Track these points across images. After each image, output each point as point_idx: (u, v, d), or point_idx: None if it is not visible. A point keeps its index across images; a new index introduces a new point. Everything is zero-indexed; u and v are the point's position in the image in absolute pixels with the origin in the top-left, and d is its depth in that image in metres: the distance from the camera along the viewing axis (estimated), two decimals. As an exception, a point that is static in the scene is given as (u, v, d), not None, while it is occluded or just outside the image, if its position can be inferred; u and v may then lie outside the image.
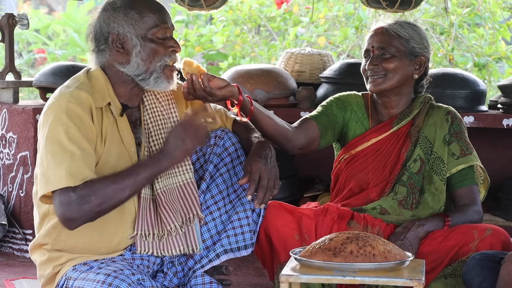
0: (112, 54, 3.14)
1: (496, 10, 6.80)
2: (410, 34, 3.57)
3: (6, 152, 4.76)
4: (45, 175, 3.00)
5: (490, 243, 3.29)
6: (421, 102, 3.64)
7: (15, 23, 4.91)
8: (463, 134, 3.62)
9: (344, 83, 4.73)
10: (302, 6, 7.50)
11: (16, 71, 4.95)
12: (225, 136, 3.37)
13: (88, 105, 3.07)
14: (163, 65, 3.14)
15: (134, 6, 3.12)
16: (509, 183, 4.78)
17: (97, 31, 3.15)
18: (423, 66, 3.61)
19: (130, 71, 3.12)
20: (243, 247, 3.30)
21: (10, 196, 4.75)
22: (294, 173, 5.07)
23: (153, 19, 3.12)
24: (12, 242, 4.74)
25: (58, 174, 2.96)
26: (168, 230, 3.17)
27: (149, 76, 3.13)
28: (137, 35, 3.10)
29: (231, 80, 4.88)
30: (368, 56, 3.59)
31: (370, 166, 3.62)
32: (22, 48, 9.58)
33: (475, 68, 6.69)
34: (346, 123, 3.67)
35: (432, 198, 3.56)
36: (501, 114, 4.66)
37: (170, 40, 3.15)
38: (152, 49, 3.12)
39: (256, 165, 3.20)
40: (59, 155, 2.98)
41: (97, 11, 3.17)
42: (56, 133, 3.00)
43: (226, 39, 7.38)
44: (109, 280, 2.99)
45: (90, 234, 3.11)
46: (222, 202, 3.32)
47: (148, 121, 3.24)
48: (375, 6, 4.88)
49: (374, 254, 2.84)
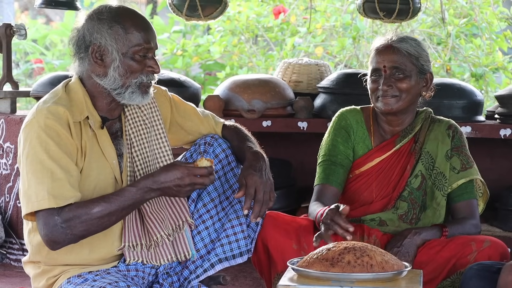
0: (91, 64, 3.11)
1: (493, 21, 6.81)
2: (418, 51, 3.53)
3: (3, 162, 4.76)
4: (27, 195, 2.99)
5: (488, 255, 3.28)
6: (422, 118, 3.62)
7: (12, 33, 4.92)
8: (464, 148, 3.62)
9: (341, 93, 4.74)
10: (300, 16, 7.51)
11: (13, 81, 4.96)
12: (214, 143, 3.36)
13: (65, 120, 3.03)
14: (139, 82, 3.11)
15: (120, 20, 3.09)
16: (507, 194, 4.78)
17: (80, 38, 3.11)
18: (430, 82, 3.59)
19: (107, 84, 3.09)
20: (238, 255, 3.29)
21: (7, 206, 4.74)
22: (292, 183, 5.08)
23: (137, 37, 3.09)
24: (9, 252, 4.73)
25: (40, 194, 2.95)
26: (155, 240, 3.15)
27: (124, 91, 3.10)
28: (118, 50, 3.07)
29: (228, 90, 4.88)
30: (377, 75, 3.53)
31: (373, 184, 3.60)
32: (20, 58, 9.59)
33: (472, 78, 6.70)
34: (353, 148, 3.65)
35: (433, 214, 3.56)
36: (498, 125, 4.67)
37: (151, 60, 3.12)
38: (130, 66, 3.09)
39: (251, 178, 3.16)
40: (40, 174, 2.96)
41: (84, 17, 3.13)
42: (35, 152, 2.98)
43: (223, 49, 7.39)
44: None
45: (79, 250, 3.10)
46: (215, 210, 3.31)
47: (130, 131, 3.21)
48: (373, 16, 4.90)
49: (372, 265, 2.84)
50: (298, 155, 5.26)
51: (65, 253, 3.08)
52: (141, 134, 3.22)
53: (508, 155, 5.05)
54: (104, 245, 3.13)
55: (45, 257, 3.12)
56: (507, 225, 4.74)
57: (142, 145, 3.21)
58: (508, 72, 6.71)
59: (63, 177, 2.96)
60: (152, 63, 3.11)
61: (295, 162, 5.19)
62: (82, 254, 3.11)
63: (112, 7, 3.11)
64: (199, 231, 3.29)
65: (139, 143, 3.21)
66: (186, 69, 7.80)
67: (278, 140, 5.26)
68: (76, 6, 5.07)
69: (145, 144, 3.22)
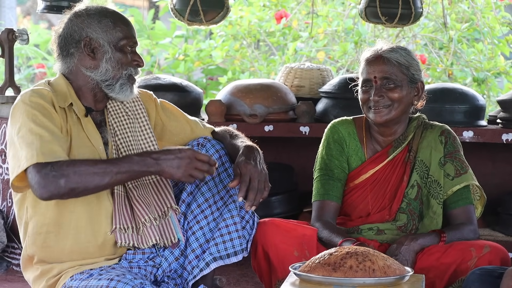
0: (81, 58, 3.21)
1: (495, 25, 6.81)
2: (408, 61, 3.51)
3: (5, 167, 4.76)
4: (16, 157, 3.02)
5: (488, 260, 3.27)
6: (414, 126, 3.60)
7: (15, 38, 4.92)
8: (458, 153, 3.58)
9: (343, 98, 4.74)
10: (302, 21, 7.52)
11: (15, 86, 4.96)
12: (207, 144, 3.39)
13: (49, 99, 3.13)
14: (128, 74, 3.22)
15: (107, 15, 3.22)
16: (509, 198, 4.78)
17: (67, 35, 3.21)
18: (422, 91, 3.57)
19: (98, 76, 3.20)
20: (232, 254, 3.30)
21: (9, 211, 4.74)
22: (294, 188, 5.07)
23: (124, 31, 3.22)
24: (11, 257, 4.73)
25: (30, 153, 2.98)
26: (143, 222, 3.19)
27: (115, 82, 3.21)
28: (109, 42, 3.19)
29: (230, 95, 4.88)
30: (368, 86, 3.52)
31: (369, 196, 3.58)
32: (22, 63, 9.60)
33: (474, 83, 6.70)
34: (347, 160, 3.63)
35: (430, 222, 3.54)
36: (500, 129, 4.66)
37: (135, 54, 3.25)
38: (120, 58, 3.20)
39: (245, 166, 3.19)
40: (28, 139, 3.01)
41: (67, 17, 3.24)
42: (23, 123, 3.04)
43: (225, 54, 7.39)
44: (112, 284, 3.00)
45: (74, 235, 3.13)
46: (209, 210, 3.33)
47: (113, 121, 3.29)
48: (375, 21, 4.90)
49: (374, 269, 2.84)
50: (300, 159, 5.26)
51: (61, 238, 3.12)
52: (123, 125, 3.30)
53: (510, 159, 5.05)
54: (97, 229, 3.16)
55: (41, 246, 3.14)
56: (509, 229, 4.74)
57: (125, 134, 3.29)
58: (510, 77, 6.72)
59: (52, 139, 3.02)
60: (137, 57, 3.25)
61: (297, 167, 5.19)
62: (78, 240, 3.13)
63: (96, 5, 3.25)
64: (194, 231, 3.31)
65: (122, 133, 3.28)
66: (188, 74, 7.80)
67: (280, 144, 5.27)
68: (78, 11, 5.08)
69: (128, 134, 3.29)
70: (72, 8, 3.26)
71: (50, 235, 3.12)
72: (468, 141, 4.61)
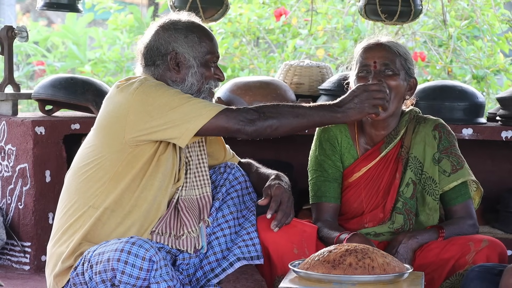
0: (166, 71, 3.30)
1: (494, 23, 6.81)
2: (406, 53, 3.50)
3: (5, 164, 4.76)
4: (189, 113, 3.15)
5: (486, 255, 3.27)
6: (406, 121, 3.54)
7: (14, 35, 4.92)
8: (453, 148, 3.54)
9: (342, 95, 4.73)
10: (301, 19, 7.52)
11: (15, 83, 4.96)
12: (235, 167, 3.52)
13: None
14: (209, 88, 3.34)
15: (194, 30, 3.32)
16: (508, 195, 4.78)
17: (154, 48, 3.30)
18: (414, 88, 3.54)
19: (183, 90, 3.29)
20: (255, 257, 3.37)
21: (9, 208, 4.74)
22: (293, 185, 5.06)
23: (209, 46, 3.33)
24: (10, 254, 4.73)
25: (210, 104, 3.18)
26: (188, 231, 3.29)
27: (198, 96, 3.30)
28: (195, 57, 3.30)
29: (230, 93, 4.88)
30: (366, 71, 3.46)
31: (362, 194, 3.56)
32: (21, 60, 9.60)
33: (474, 80, 6.70)
34: (340, 158, 3.61)
35: (427, 219, 3.52)
36: (500, 127, 4.66)
37: (217, 68, 3.37)
38: (204, 72, 3.32)
39: (279, 189, 3.34)
40: (182, 100, 3.16)
41: (155, 28, 3.32)
42: (170, 93, 3.17)
43: (225, 51, 7.39)
44: (129, 244, 2.97)
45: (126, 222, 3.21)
46: (233, 221, 3.43)
47: None
48: (374, 18, 4.90)
49: (373, 267, 2.84)
50: (300, 157, 5.24)
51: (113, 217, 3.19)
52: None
53: (510, 157, 5.05)
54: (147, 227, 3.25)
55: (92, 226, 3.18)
56: (508, 227, 4.74)
57: (189, 148, 3.39)
58: (509, 74, 6.71)
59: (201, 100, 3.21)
60: (219, 71, 3.38)
61: (297, 164, 5.19)
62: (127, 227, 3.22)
63: (183, 20, 3.34)
64: (217, 237, 3.40)
65: (187, 146, 3.36)
66: (187, 71, 7.79)
67: (280, 142, 5.26)
68: (78, 8, 5.08)
69: (190, 147, 3.39)
70: (156, 19, 3.36)
71: (106, 211, 3.18)
72: (467, 139, 4.61)
